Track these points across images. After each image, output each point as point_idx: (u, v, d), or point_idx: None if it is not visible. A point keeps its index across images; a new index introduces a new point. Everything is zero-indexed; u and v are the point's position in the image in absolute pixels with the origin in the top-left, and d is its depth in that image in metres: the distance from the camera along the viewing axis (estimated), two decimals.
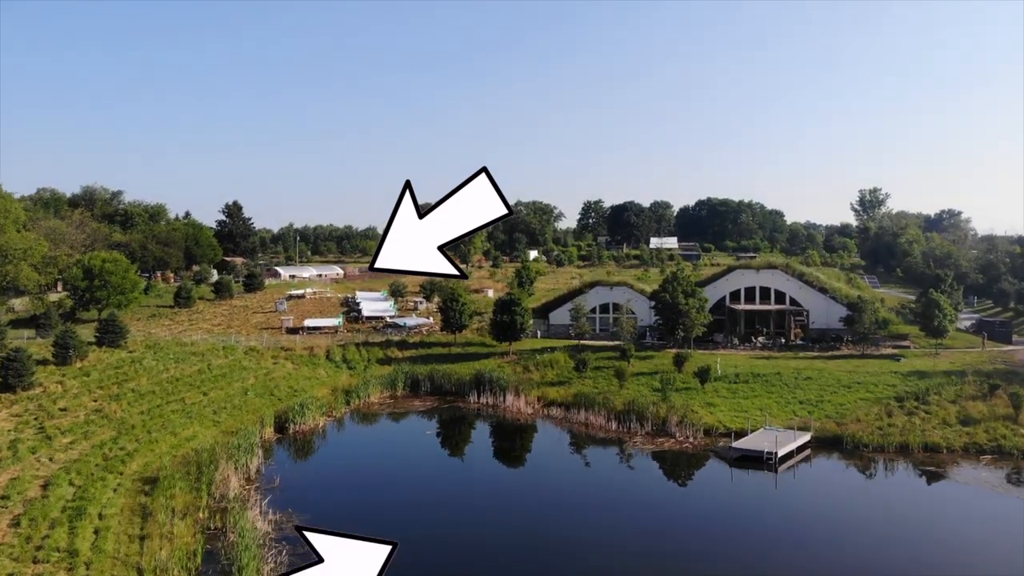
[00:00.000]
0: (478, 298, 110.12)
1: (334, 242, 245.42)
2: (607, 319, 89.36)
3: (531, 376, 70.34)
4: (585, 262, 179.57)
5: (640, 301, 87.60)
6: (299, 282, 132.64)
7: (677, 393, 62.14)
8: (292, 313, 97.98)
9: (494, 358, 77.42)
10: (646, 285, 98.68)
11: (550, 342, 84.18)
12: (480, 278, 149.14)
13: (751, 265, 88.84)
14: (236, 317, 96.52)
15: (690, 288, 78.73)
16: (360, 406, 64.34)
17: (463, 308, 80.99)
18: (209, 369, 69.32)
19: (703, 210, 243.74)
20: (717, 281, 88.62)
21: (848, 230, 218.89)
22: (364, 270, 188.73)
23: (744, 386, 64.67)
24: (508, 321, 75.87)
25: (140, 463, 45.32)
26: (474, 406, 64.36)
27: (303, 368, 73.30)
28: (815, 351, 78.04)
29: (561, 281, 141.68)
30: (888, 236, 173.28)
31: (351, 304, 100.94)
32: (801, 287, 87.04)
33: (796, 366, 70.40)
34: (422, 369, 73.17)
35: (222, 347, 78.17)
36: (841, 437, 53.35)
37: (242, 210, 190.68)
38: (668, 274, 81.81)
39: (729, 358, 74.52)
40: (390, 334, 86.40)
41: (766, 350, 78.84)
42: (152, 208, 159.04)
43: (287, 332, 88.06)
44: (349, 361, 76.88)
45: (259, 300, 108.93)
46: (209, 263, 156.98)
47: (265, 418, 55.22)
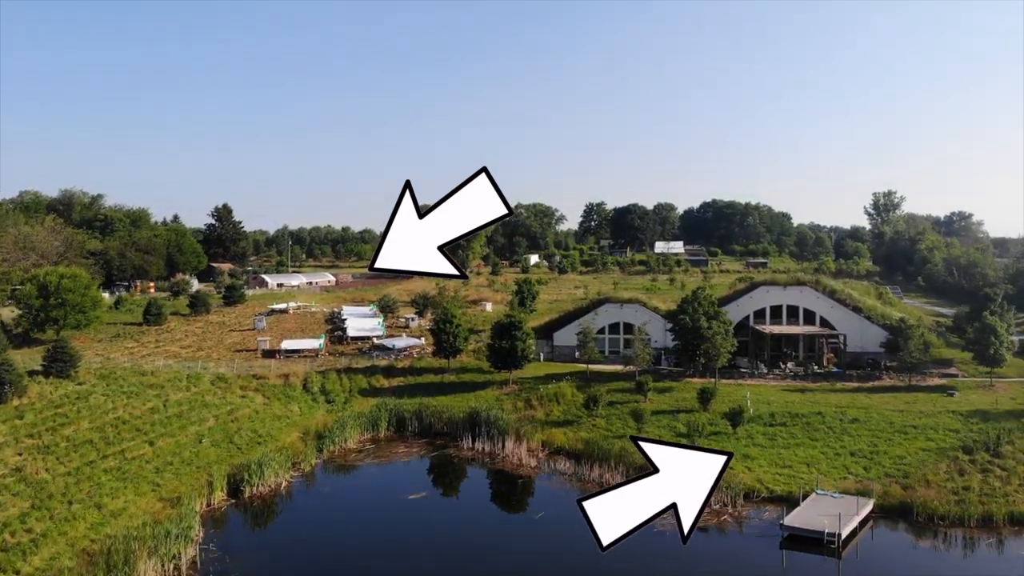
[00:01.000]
0: (475, 312, 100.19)
1: (329, 245, 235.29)
2: (617, 340, 79.45)
3: (534, 413, 60.45)
4: (588, 268, 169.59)
5: (654, 321, 77.71)
6: (285, 293, 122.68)
7: (706, 440, 52.23)
8: (271, 332, 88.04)
9: (492, 388, 67.55)
10: (659, 301, 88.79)
11: (554, 367, 74.29)
12: (478, 286, 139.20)
13: (777, 281, 78.86)
14: (210, 336, 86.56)
15: (712, 309, 68.79)
16: (335, 454, 54.39)
17: (457, 331, 71.06)
18: (164, 407, 59.40)
19: (708, 212, 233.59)
20: (740, 299, 78.62)
21: (860, 234, 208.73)
22: (357, 276, 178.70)
23: (782, 430, 54.73)
24: (508, 347, 65.98)
25: (45, 556, 35.41)
26: (468, 454, 54.39)
27: (274, 403, 63.36)
28: (854, 380, 68.08)
29: (564, 291, 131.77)
30: (904, 242, 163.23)
31: (336, 321, 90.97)
32: (833, 306, 77.11)
33: (837, 402, 60.50)
34: (409, 404, 63.27)
35: (186, 376, 68.28)
36: (910, 506, 43.41)
37: (232, 213, 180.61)
38: (688, 293, 71.68)
39: (758, 390, 64.68)
40: (376, 358, 76.46)
41: (798, 379, 68.90)
42: (134, 213, 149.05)
43: (263, 355, 78.12)
44: (328, 393, 66.96)
45: (238, 315, 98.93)
46: (193, 271, 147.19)
47: (215, 478, 45.23)
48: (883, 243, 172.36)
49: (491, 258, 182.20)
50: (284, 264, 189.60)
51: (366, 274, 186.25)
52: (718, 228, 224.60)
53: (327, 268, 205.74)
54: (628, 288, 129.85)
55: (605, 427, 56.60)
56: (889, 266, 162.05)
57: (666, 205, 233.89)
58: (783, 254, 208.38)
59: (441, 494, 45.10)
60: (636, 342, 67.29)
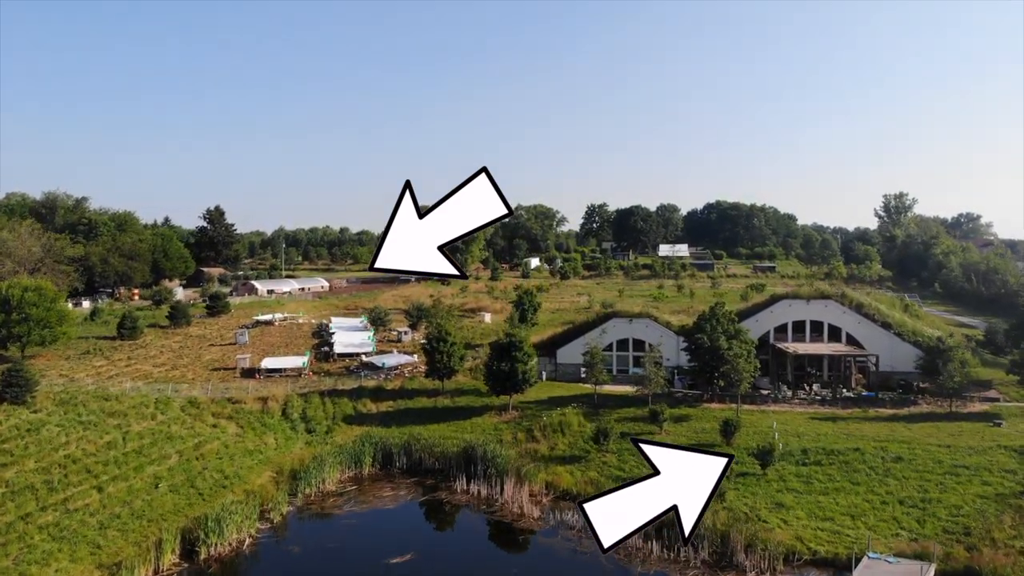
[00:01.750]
0: (473, 325, 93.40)
1: (325, 247, 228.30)
2: (626, 358, 72.72)
3: (537, 447, 53.62)
4: (591, 272, 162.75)
5: (667, 337, 70.98)
6: (275, 301, 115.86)
7: (732, 484, 45.49)
8: (254, 347, 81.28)
9: (490, 414, 60.78)
10: (669, 312, 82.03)
11: (558, 388, 67.58)
12: (477, 292, 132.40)
13: (799, 294, 71.96)
14: (187, 352, 79.75)
15: (732, 328, 61.96)
16: (311, 499, 47.53)
17: (452, 350, 64.24)
18: (124, 440, 52.68)
19: (712, 213, 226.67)
20: (759, 314, 71.77)
21: (868, 236, 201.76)
22: (352, 280, 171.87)
23: (817, 471, 47.92)
24: (508, 370, 59.18)
25: None
26: (462, 498, 47.49)
27: (248, 434, 56.56)
28: (887, 406, 61.29)
29: (566, 298, 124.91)
30: (917, 245, 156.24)
31: (324, 334, 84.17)
32: (860, 321, 70.32)
33: (875, 434, 53.72)
34: (398, 434, 56.44)
35: (154, 401, 61.57)
36: (978, 573, 36.64)
37: (224, 215, 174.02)
38: (697, 301, 64.83)
39: (783, 417, 57.95)
40: (365, 377, 69.64)
41: (826, 404, 62.10)
42: (119, 216, 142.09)
43: (242, 375, 71.37)
44: (309, 420, 60.15)
45: (221, 327, 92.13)
46: (180, 276, 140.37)
47: (166, 537, 38.42)
48: (894, 247, 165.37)
49: (490, 261, 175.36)
50: (278, 268, 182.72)
51: (362, 278, 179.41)
52: (723, 230, 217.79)
53: (322, 272, 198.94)
54: (633, 295, 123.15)
55: (617, 465, 49.77)
56: (901, 271, 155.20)
57: (669, 206, 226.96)
58: (790, 257, 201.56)
59: (429, 557, 38.19)
60: (648, 364, 60.50)
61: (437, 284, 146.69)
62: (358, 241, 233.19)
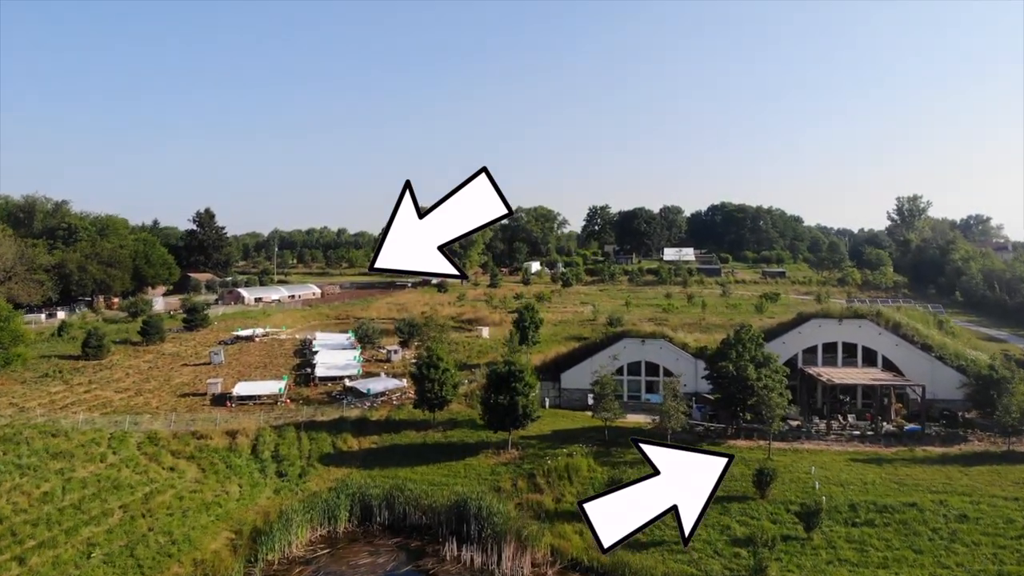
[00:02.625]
0: (470, 340, 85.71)
1: (320, 250, 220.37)
2: (638, 382, 65.07)
3: (540, 498, 45.89)
4: (594, 277, 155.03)
5: (683, 360, 63.43)
6: (260, 311, 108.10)
7: (773, 554, 37.82)
8: (229, 367, 73.58)
9: (487, 453, 53.06)
10: (680, 326, 74.45)
11: (563, 419, 59.94)
12: (475, 300, 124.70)
13: (831, 313, 64.24)
14: (156, 374, 72.06)
15: (761, 354, 54.24)
16: (274, 567, 39.81)
17: (444, 377, 56.50)
18: (63, 491, 45.07)
19: (717, 215, 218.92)
20: (786, 335, 64.07)
21: (878, 239, 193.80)
22: (346, 286, 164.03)
23: (871, 533, 40.28)
24: (507, 404, 51.47)
25: None
26: (452, 568, 39.75)
27: (210, 479, 48.87)
28: (936, 443, 53.53)
29: (569, 306, 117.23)
30: (933, 250, 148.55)
31: (306, 352, 76.56)
32: (898, 344, 62.69)
33: (929, 482, 46.04)
34: (381, 479, 48.69)
35: (108, 437, 54.03)
36: None
37: (214, 218, 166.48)
38: (730, 333, 57.11)
39: (820, 458, 50.28)
40: (347, 406, 61.92)
41: (866, 440, 54.33)
42: (101, 220, 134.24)
43: (212, 402, 63.69)
44: (281, 460, 52.46)
45: (198, 343, 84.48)
46: (165, 283, 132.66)
47: None
48: (908, 251, 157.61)
49: (489, 266, 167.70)
50: (269, 272, 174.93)
51: (356, 283, 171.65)
52: (728, 232, 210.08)
53: (317, 276, 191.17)
54: (640, 304, 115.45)
55: None
56: (916, 277, 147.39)
57: (673, 208, 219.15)
58: (798, 260, 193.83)
59: None
60: (667, 397, 52.79)
61: (433, 291, 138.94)
62: (354, 244, 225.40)
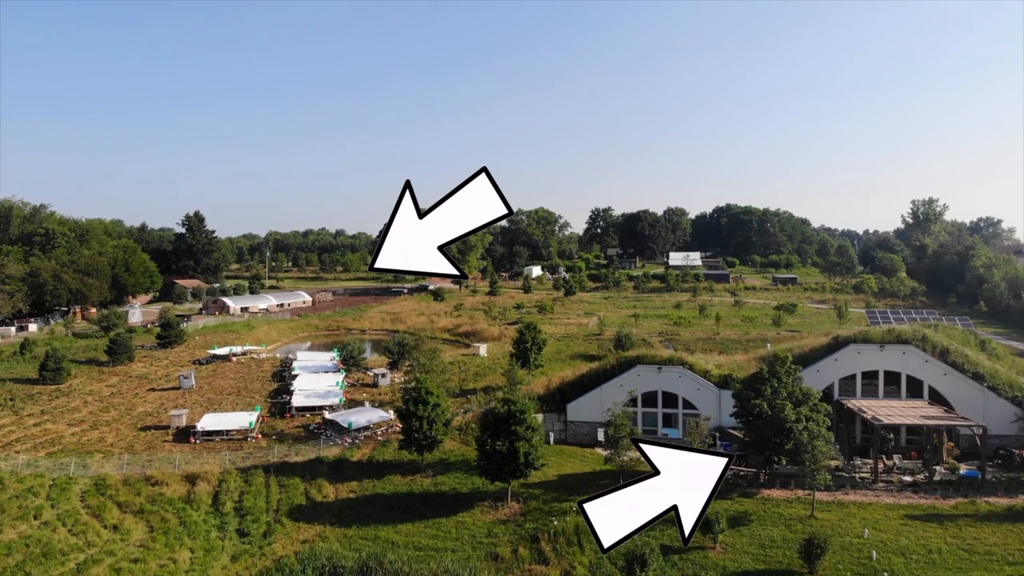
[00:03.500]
0: (466, 359, 77.92)
1: (315, 253, 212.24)
2: (654, 415, 57.27)
3: (546, 570, 38.11)
4: (597, 284, 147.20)
5: (706, 391, 55.74)
6: (244, 323, 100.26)
7: None
8: (199, 394, 65.83)
9: (482, 507, 45.25)
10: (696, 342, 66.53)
11: (570, 460, 52.21)
12: (473, 309, 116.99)
13: (871, 338, 56.39)
14: (118, 402, 64.33)
15: (799, 391, 46.41)
16: None
17: (434, 415, 48.68)
18: None
19: (722, 218, 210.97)
20: (821, 362, 56.25)
21: (889, 242, 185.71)
22: (339, 292, 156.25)
23: None
24: (506, 451, 43.69)
25: None
26: None
27: (158, 543, 41.10)
28: (1000, 493, 45.76)
29: (573, 317, 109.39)
30: (951, 256, 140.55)
31: (285, 375, 68.76)
32: (946, 373, 54.90)
33: (1003, 547, 38.45)
34: (358, 541, 41.00)
35: (49, 485, 46.40)
36: None
37: (204, 221, 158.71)
38: (762, 366, 49.28)
39: (870, 512, 42.67)
40: (325, 445, 54.06)
41: (919, 490, 46.49)
42: (82, 225, 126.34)
43: (175, 437, 55.92)
44: (245, 514, 44.69)
45: (170, 363, 76.75)
46: (147, 291, 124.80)
47: None
48: (925, 256, 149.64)
49: (489, 272, 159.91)
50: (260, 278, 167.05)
51: (350, 288, 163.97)
52: (734, 235, 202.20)
53: (310, 281, 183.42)
54: (648, 315, 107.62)
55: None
56: (934, 284, 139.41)
57: (677, 210, 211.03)
58: (807, 264, 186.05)
59: None
60: (692, 439, 45.05)
61: (429, 299, 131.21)
62: (351, 247, 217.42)
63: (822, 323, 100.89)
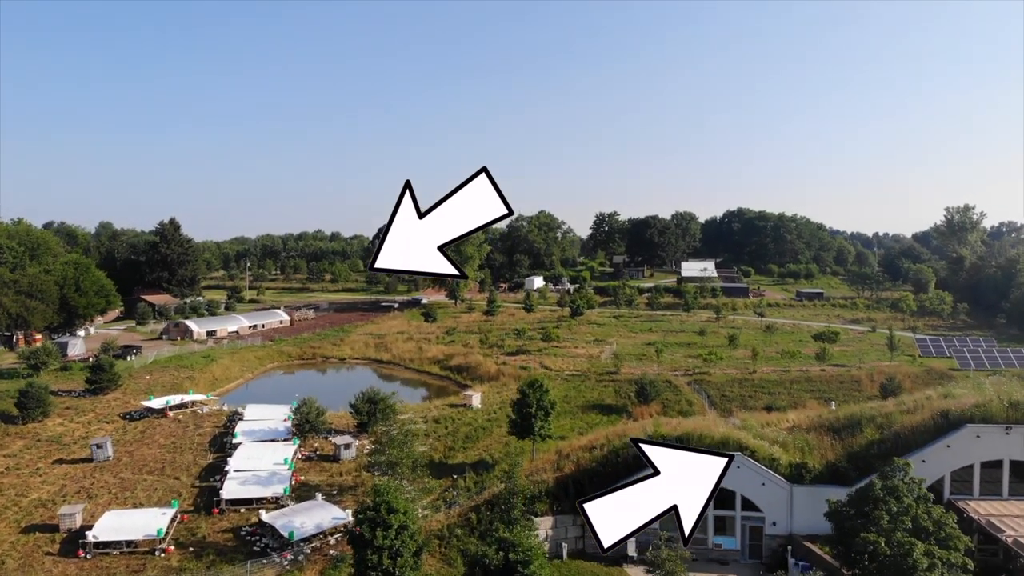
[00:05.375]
0: (455, 413, 62.46)
1: (304, 260, 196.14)
2: (704, 519, 41.72)
3: None
4: (606, 298, 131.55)
5: (773, 487, 40.47)
6: (206, 352, 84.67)
7: None
8: (116, 467, 50.48)
9: None
10: (760, 421, 50.68)
11: None
12: (467, 332, 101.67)
13: (992, 416, 40.97)
14: (11, 482, 48.92)
15: (932, 522, 31.03)
16: None
17: (401, 541, 33.22)
18: None
19: (735, 223, 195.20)
20: (927, 449, 40.80)
21: (914, 251, 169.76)
22: (323, 308, 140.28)
23: None
24: None
25: None
26: None
27: None
28: None
29: (580, 344, 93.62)
30: (992, 269, 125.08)
31: (226, 441, 53.29)
32: None
33: None
34: None
35: None
36: None
37: (179, 229, 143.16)
38: (876, 482, 33.76)
39: None
40: (256, 563, 38.62)
41: None
42: (35, 237, 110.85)
43: (61, 548, 40.56)
44: None
45: (96, 416, 61.49)
46: (103, 313, 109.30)
47: None
48: (962, 268, 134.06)
49: (487, 285, 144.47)
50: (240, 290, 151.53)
51: (336, 302, 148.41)
52: (747, 242, 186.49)
53: (295, 292, 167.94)
54: (669, 342, 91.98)
55: None
56: (973, 299, 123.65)
57: (686, 215, 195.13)
58: (826, 273, 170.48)
59: None
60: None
61: (420, 318, 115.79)
62: (342, 253, 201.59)
63: (868, 354, 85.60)
